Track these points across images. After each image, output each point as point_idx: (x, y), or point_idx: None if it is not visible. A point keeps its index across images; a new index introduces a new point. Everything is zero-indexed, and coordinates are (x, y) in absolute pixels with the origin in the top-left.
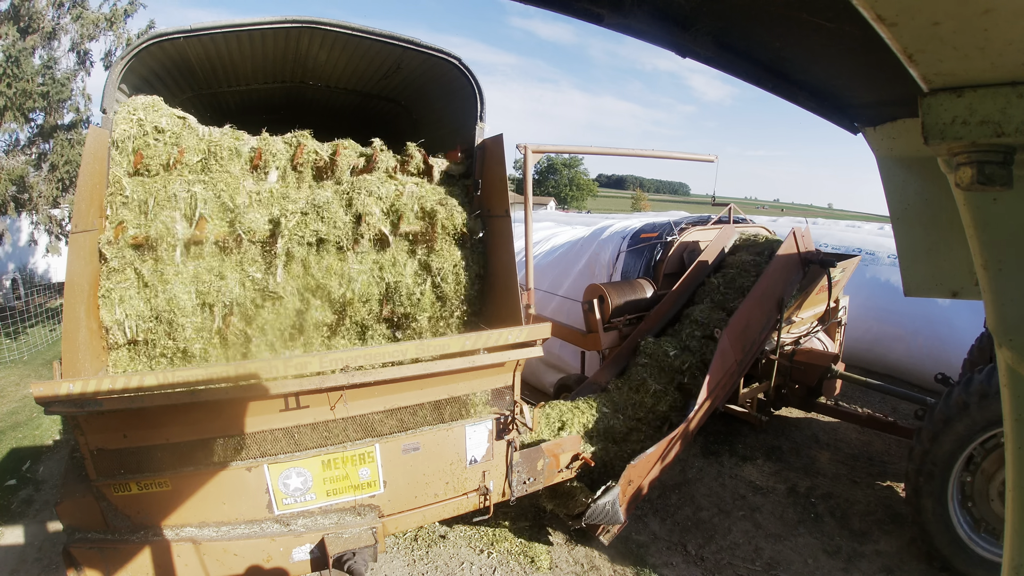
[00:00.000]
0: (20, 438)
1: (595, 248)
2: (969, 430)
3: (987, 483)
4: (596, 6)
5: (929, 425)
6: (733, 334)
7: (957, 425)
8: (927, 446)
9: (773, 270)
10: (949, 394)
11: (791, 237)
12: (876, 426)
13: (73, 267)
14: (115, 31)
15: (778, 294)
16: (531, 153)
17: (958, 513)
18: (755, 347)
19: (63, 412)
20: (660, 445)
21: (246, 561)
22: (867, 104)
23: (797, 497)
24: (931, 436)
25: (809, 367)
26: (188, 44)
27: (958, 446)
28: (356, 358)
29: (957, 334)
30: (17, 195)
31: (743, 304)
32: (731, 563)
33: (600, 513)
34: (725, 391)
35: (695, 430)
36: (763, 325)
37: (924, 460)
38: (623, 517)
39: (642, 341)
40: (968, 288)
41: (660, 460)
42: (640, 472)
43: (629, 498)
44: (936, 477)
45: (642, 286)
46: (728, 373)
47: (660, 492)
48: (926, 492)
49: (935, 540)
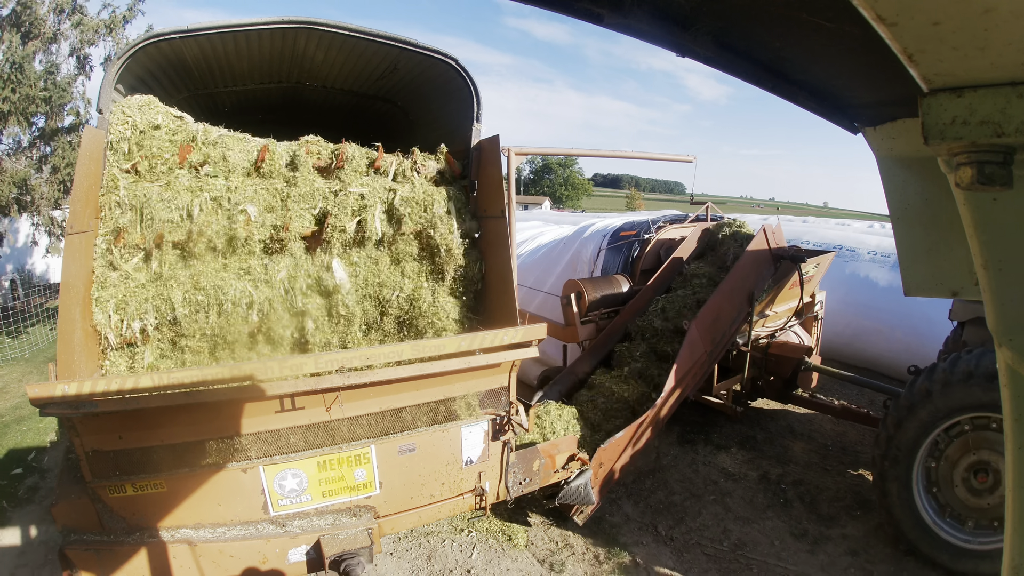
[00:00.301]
0: (24, 431)
1: (577, 246)
2: (932, 417)
3: (951, 469)
4: (596, 6)
5: (894, 412)
6: (702, 326)
7: (920, 412)
8: (892, 432)
9: (743, 265)
10: (913, 382)
11: (761, 233)
12: (850, 417)
13: (69, 268)
14: (114, 37)
15: (748, 288)
16: (514, 155)
17: (923, 498)
18: (726, 339)
19: (58, 414)
20: (629, 430)
21: (242, 563)
22: (867, 104)
23: (768, 483)
24: (896, 423)
25: (783, 359)
26: (185, 44)
27: (922, 432)
28: (351, 359)
29: (934, 328)
30: (20, 197)
31: (712, 297)
32: (699, 543)
33: (573, 494)
34: (696, 380)
35: (665, 417)
36: (733, 318)
37: (889, 446)
38: (595, 498)
39: (616, 347)
40: (968, 288)
41: (631, 445)
42: (610, 455)
43: (601, 480)
44: (901, 462)
45: (619, 281)
46: (698, 363)
47: (635, 477)
48: (891, 477)
49: (901, 524)
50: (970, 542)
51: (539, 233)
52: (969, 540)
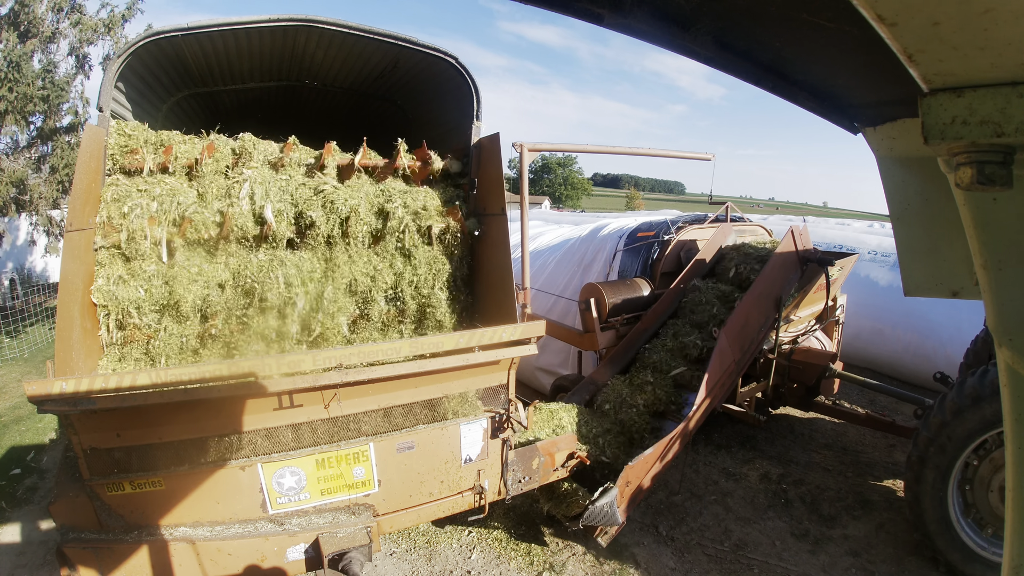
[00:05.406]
0: (23, 431)
1: (592, 247)
2: (996, 416)
3: (992, 474)
4: (596, 6)
5: (955, 399)
6: (731, 333)
7: (986, 408)
8: (948, 418)
9: (771, 269)
10: (985, 372)
11: (789, 236)
12: (875, 426)
13: (67, 266)
14: (113, 36)
15: (776, 293)
16: (527, 151)
17: (954, 493)
18: (753, 346)
19: (56, 411)
20: (659, 446)
21: (241, 561)
22: (867, 104)
23: (769, 483)
24: (954, 411)
25: (807, 366)
26: (185, 42)
27: (979, 428)
28: (349, 356)
29: (935, 328)
30: (18, 196)
31: (741, 303)
32: (700, 543)
33: (598, 515)
34: (724, 390)
35: (694, 430)
36: (761, 324)
37: (940, 433)
38: (621, 518)
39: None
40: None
41: (659, 460)
42: (638, 473)
43: (628, 499)
44: (947, 452)
45: (639, 285)
46: (727, 372)
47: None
48: (932, 464)
49: (925, 514)
50: (985, 549)
51: (539, 233)
52: (984, 547)
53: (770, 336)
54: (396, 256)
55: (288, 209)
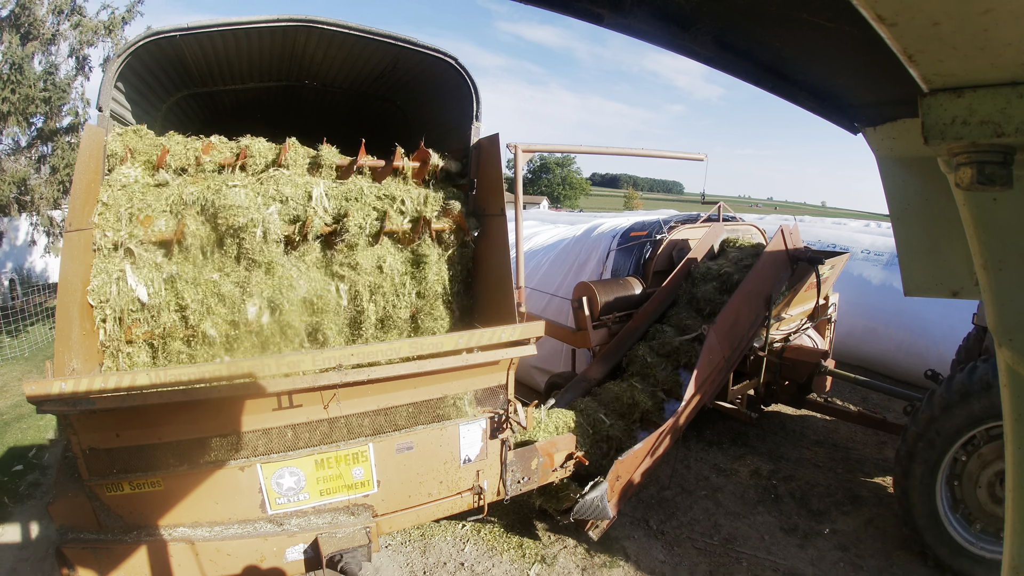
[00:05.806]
0: (24, 428)
1: (586, 247)
2: (984, 412)
3: (981, 469)
4: (596, 6)
5: (944, 394)
6: (720, 331)
7: (974, 403)
8: (936, 414)
9: (761, 267)
10: (974, 368)
11: (779, 234)
12: (866, 423)
13: (67, 266)
14: (113, 38)
15: (766, 291)
16: (521, 152)
17: (943, 488)
18: (743, 344)
19: (55, 411)
20: (648, 441)
21: (240, 561)
22: (867, 104)
23: (759, 479)
24: (943, 406)
25: (799, 364)
26: (184, 42)
27: (967, 424)
28: (349, 356)
29: (927, 327)
30: (19, 197)
31: (730, 301)
32: (690, 537)
33: (589, 508)
34: (714, 387)
35: (684, 426)
36: (751, 322)
37: (928, 428)
38: (612, 512)
39: (627, 353)
40: (968, 288)
41: (649, 455)
42: (628, 468)
43: (618, 493)
44: (936, 447)
45: (631, 284)
46: (716, 369)
47: None
48: (921, 459)
49: (913, 509)
50: (973, 544)
51: (534, 233)
52: (972, 542)
53: (761, 333)
54: (396, 256)
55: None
